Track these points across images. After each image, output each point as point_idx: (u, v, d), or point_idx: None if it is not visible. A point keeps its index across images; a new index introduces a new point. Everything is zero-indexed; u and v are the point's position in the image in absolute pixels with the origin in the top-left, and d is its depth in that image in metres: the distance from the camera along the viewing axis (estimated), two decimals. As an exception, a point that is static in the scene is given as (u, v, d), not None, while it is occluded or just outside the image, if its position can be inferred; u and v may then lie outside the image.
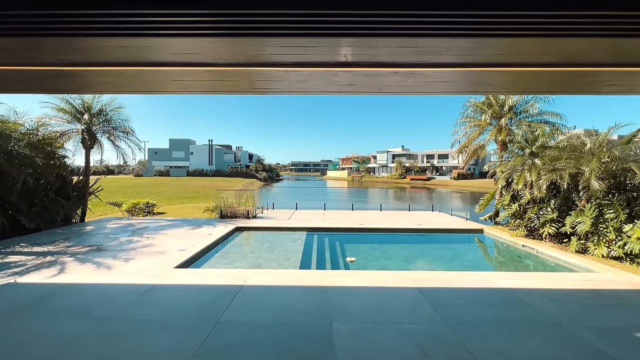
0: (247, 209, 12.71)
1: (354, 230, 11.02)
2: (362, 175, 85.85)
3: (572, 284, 5.70)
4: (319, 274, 6.09)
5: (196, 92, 5.60)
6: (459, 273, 6.29)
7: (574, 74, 4.42)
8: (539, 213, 9.52)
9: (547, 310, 4.59)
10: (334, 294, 5.11)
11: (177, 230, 10.16)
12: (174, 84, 5.07)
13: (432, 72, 4.40)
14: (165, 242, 8.54)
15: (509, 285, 5.58)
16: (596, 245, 7.77)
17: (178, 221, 12.08)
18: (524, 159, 9.83)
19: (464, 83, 4.95)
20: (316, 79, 4.79)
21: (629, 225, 7.29)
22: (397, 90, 5.32)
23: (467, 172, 67.55)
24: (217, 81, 4.86)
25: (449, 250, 9.99)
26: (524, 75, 4.50)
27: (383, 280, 5.75)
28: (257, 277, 5.80)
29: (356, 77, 4.66)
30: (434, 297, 4.95)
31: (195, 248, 7.87)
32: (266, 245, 9.08)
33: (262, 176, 73.09)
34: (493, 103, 11.75)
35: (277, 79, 4.71)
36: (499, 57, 3.82)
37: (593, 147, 7.92)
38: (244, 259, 7.64)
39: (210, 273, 6.08)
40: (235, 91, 5.44)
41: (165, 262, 6.73)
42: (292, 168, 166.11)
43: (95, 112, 12.14)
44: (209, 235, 9.32)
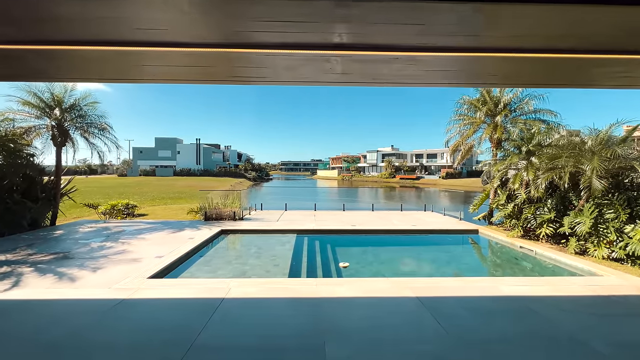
0: (233, 211, 12.03)
1: (345, 232, 10.53)
2: (352, 175, 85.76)
3: (579, 289, 5.35)
4: (310, 283, 5.55)
5: (171, 81, 4.96)
6: (460, 279, 5.87)
7: (588, 63, 4.03)
8: (535, 213, 9.25)
9: (559, 321, 4.19)
10: (327, 308, 4.58)
11: (156, 235, 9.42)
12: (146, 70, 4.43)
13: (434, 59, 3.92)
14: (141, 248, 7.81)
15: (514, 292, 5.18)
16: (596, 247, 7.52)
17: (159, 224, 11.30)
18: (521, 157, 9.54)
19: (467, 73, 4.50)
20: (307, 66, 4.24)
21: (631, 225, 7.05)
22: (395, 80, 4.83)
23: (455, 172, 68.38)
24: (193, 67, 4.25)
25: (445, 252, 9.62)
26: (534, 63, 4.06)
27: (380, 289, 5.26)
28: (241, 288, 5.20)
29: (352, 64, 4.13)
30: (436, 309, 4.48)
31: (174, 254, 7.19)
32: (253, 249, 8.47)
33: (251, 176, 71.91)
34: (487, 100, 11.47)
35: (262, 64, 4.14)
36: (509, 40, 3.36)
37: (593, 145, 7.66)
38: (228, 266, 7.01)
39: (189, 284, 5.45)
40: (214, 79, 4.83)
41: (139, 271, 6.04)
42: (282, 167, 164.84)
43: (67, 106, 11.20)
44: (190, 240, 8.63)
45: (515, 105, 11.50)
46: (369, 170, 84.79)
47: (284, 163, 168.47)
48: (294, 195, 23.86)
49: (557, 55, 3.63)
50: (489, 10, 2.82)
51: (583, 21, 2.99)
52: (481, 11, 2.83)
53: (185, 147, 73.39)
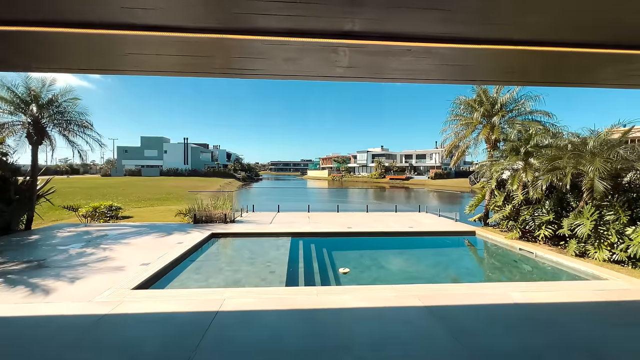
0: (224, 213, 11.52)
1: (342, 234, 10.20)
2: (342, 175, 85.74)
3: (589, 295, 5.18)
4: (310, 292, 5.18)
5: (159, 73, 4.49)
6: (466, 285, 5.62)
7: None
8: (533, 214, 9.17)
9: (578, 332, 3.97)
10: (331, 320, 4.23)
11: (142, 239, 8.84)
12: (130, 59, 3.96)
13: (451, 51, 3.62)
14: (125, 254, 7.26)
15: (526, 299, 4.96)
16: (596, 249, 7.44)
17: (145, 227, 10.69)
18: (519, 158, 9.44)
19: (483, 68, 4.23)
20: (310, 58, 3.87)
21: (632, 227, 7.00)
22: (404, 76, 4.52)
23: (444, 172, 69.33)
24: (185, 56, 3.81)
25: (445, 255, 9.43)
26: (563, 59, 3.75)
27: (385, 298, 4.94)
28: (236, 300, 4.78)
29: (360, 56, 3.79)
30: (448, 320, 4.19)
31: (162, 261, 6.68)
32: (246, 254, 8.02)
33: (240, 176, 70.85)
34: (484, 101, 11.38)
35: (262, 54, 3.74)
36: (540, 30, 3.09)
37: (594, 146, 7.58)
38: (221, 274, 6.56)
39: (178, 295, 4.99)
40: (208, 72, 4.40)
41: (122, 281, 5.53)
42: (272, 168, 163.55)
43: (45, 102, 10.45)
44: (179, 245, 8.11)
45: (511, 106, 11.45)
46: (359, 170, 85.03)
47: (273, 163, 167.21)
48: (286, 196, 23.41)
49: (597, 50, 3.37)
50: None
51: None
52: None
53: (172, 147, 71.66)
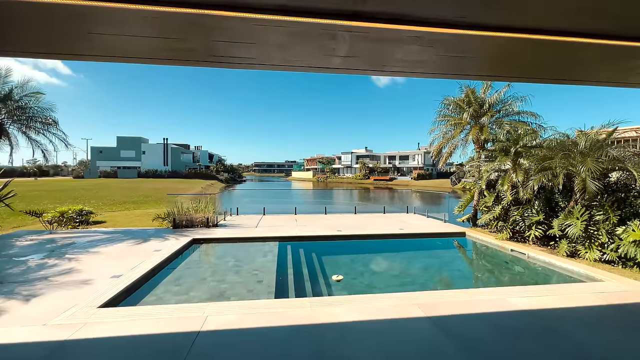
0: (206, 216, 10.83)
1: (332, 237, 9.79)
2: (327, 176, 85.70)
3: (590, 299, 5.04)
4: (303, 304, 4.72)
5: (128, 59, 3.89)
6: (466, 292, 5.35)
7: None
8: (523, 215, 9.15)
9: (586, 342, 3.75)
10: (330, 337, 3.79)
11: (114, 247, 8.05)
12: (95, 41, 3.36)
13: (460, 40, 3.29)
14: (94, 265, 6.51)
15: (527, 305, 4.74)
16: (587, 249, 7.43)
17: (119, 233, 9.83)
18: (509, 158, 9.41)
19: (490, 61, 3.94)
20: (305, 45, 3.44)
21: (622, 227, 7.02)
22: (404, 68, 4.18)
23: (426, 173, 70.80)
24: (158, 38, 3.27)
25: (437, 258, 9.24)
26: (584, 51, 3.48)
27: (386, 308, 4.57)
28: (220, 317, 4.26)
29: (362, 44, 3.40)
30: (454, 333, 3.87)
31: (136, 273, 6.01)
32: (231, 262, 7.44)
33: (223, 177, 69.17)
34: (472, 101, 11.35)
35: (248, 38, 3.27)
36: (566, 18, 2.81)
37: (585, 147, 7.59)
38: (203, 285, 5.97)
39: (153, 313, 4.39)
40: (186, 59, 3.86)
41: (88, 297, 4.86)
42: (256, 169, 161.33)
43: (1, 96, 9.40)
44: (156, 253, 7.42)
45: (498, 106, 11.49)
46: (344, 171, 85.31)
47: (257, 164, 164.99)
48: (271, 198, 22.76)
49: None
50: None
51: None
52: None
53: (151, 147, 68.92)
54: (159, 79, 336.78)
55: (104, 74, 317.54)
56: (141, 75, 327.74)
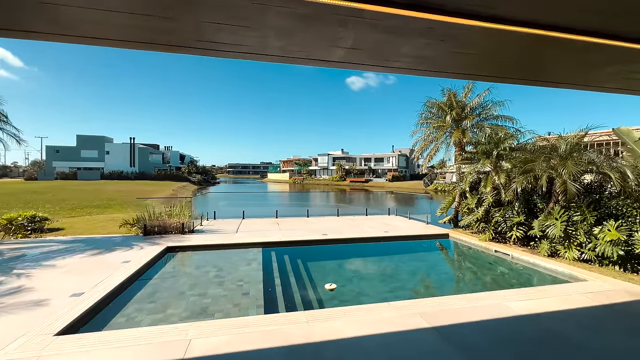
0: (182, 221, 10.02)
1: (318, 242, 9.43)
2: (304, 178, 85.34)
3: (581, 300, 5.10)
4: (299, 319, 4.31)
5: (95, 41, 3.27)
6: (465, 297, 5.22)
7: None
8: (505, 216, 9.36)
9: (586, 345, 3.71)
10: (334, 357, 3.42)
11: (74, 259, 7.10)
12: (63, 15, 2.75)
13: (473, 34, 3.08)
14: (50, 282, 5.63)
15: (525, 310, 4.68)
16: (566, 249, 7.69)
17: (79, 242, 8.77)
18: (491, 161, 9.61)
19: (502, 61, 3.78)
20: (308, 31, 3.06)
21: (598, 227, 7.32)
22: (409, 65, 3.92)
23: (400, 175, 72.81)
24: (137, 15, 2.74)
25: (425, 261, 9.19)
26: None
27: (387, 320, 4.28)
28: (206, 339, 3.73)
29: (369, 33, 3.08)
30: (461, 343, 3.68)
31: (101, 290, 5.25)
32: (212, 272, 6.81)
33: (196, 179, 66.33)
34: (454, 105, 11.55)
35: (244, 21, 2.83)
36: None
37: (564, 150, 7.87)
38: (181, 301, 5.34)
39: (124, 339, 3.75)
40: (170, 44, 3.33)
41: (43, 323, 4.10)
42: (230, 170, 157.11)
43: None
44: (125, 265, 6.63)
45: (478, 110, 11.79)
46: (320, 173, 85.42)
47: (231, 165, 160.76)
48: (248, 201, 21.96)
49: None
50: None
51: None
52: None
53: (116, 147, 64.51)
54: (125, 74, 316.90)
55: (62, 68, 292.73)
56: (105, 71, 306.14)
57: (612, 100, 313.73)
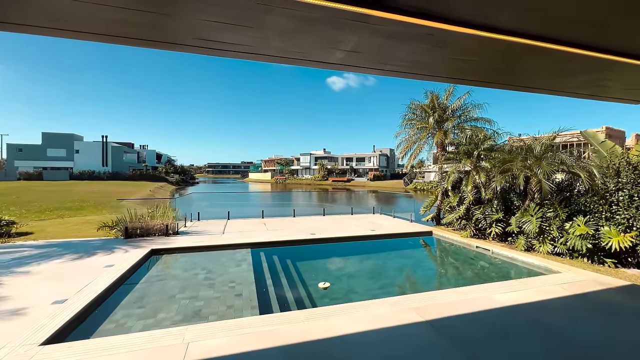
0: (165, 223, 9.70)
1: (307, 242, 9.46)
2: (286, 178, 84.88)
3: (557, 290, 5.49)
4: (295, 318, 4.33)
5: (89, 36, 3.13)
6: (454, 291, 5.47)
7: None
8: (485, 213, 9.84)
9: (567, 332, 4.02)
10: (335, 353, 3.48)
11: (51, 265, 6.71)
12: (39, 5, 2.60)
13: (470, 42, 3.25)
14: (26, 289, 5.30)
15: (510, 301, 4.98)
16: (541, 243, 8.21)
17: (55, 247, 8.27)
18: (472, 161, 10.05)
19: (491, 68, 4.00)
20: (311, 33, 3.09)
21: (569, 223, 7.88)
22: (404, 69, 4.05)
23: (381, 174, 74.18)
24: (130, 10, 2.65)
25: (411, 257, 9.48)
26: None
27: (382, 316, 4.41)
28: (204, 342, 3.68)
29: (371, 37, 3.15)
30: (453, 336, 3.87)
31: (85, 297, 5.01)
32: (201, 274, 6.67)
33: (174, 179, 64.16)
34: (436, 107, 11.98)
35: (247, 21, 2.83)
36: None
37: (540, 152, 8.40)
38: (172, 305, 5.19)
39: (117, 346, 3.62)
40: (167, 41, 3.25)
41: (24, 332, 3.86)
42: (209, 170, 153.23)
43: None
44: (108, 269, 6.35)
45: (459, 112, 12.30)
46: (303, 172, 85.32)
47: (211, 165, 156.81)
48: (231, 201, 21.57)
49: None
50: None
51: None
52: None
53: (86, 146, 61.12)
54: (97, 68, 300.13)
55: (26, 61, 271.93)
56: (72, 65, 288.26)
57: (580, 105, 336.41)
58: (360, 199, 35.27)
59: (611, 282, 5.94)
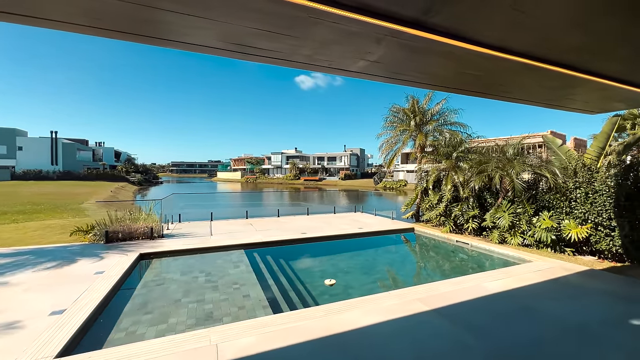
0: (150, 226, 9.25)
1: (300, 241, 9.60)
2: (256, 177, 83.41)
3: (534, 277, 6.24)
4: (313, 314, 4.51)
5: (43, 22, 2.85)
6: (450, 282, 5.99)
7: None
8: (462, 210, 10.70)
9: (557, 312, 4.66)
10: (358, 345, 3.74)
11: (30, 274, 6.15)
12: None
13: (480, 57, 3.66)
14: (12, 301, 4.86)
15: (499, 288, 5.60)
16: (512, 236, 9.17)
17: (26, 255, 7.54)
18: (451, 162, 10.86)
19: (485, 80, 4.48)
20: (346, 44, 3.28)
21: (536, 217, 8.89)
22: (413, 79, 4.42)
23: (351, 173, 75.83)
24: (134, 4, 2.62)
25: (398, 252, 10.07)
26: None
27: (393, 307, 4.75)
28: (233, 342, 3.73)
29: (396, 51, 3.43)
30: (460, 322, 4.33)
31: (86, 305, 4.73)
32: (200, 277, 6.54)
33: (135, 179, 60.06)
34: (417, 111, 12.72)
35: (290, 31, 2.96)
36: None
37: (512, 154, 9.34)
38: (180, 309, 5.08)
39: (143, 353, 3.53)
40: (193, 42, 3.24)
41: (31, 346, 3.60)
42: (173, 169, 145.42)
43: None
44: (100, 275, 5.99)
45: (437, 116, 13.16)
46: (274, 172, 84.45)
47: (175, 164, 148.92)
48: (207, 202, 20.88)
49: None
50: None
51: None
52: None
53: (32, 142, 55.04)
54: (47, 57, 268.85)
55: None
56: (28, 49, 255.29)
57: (538, 112, 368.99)
58: (336, 197, 35.90)
59: (574, 267, 6.87)
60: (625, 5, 2.58)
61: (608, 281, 6.04)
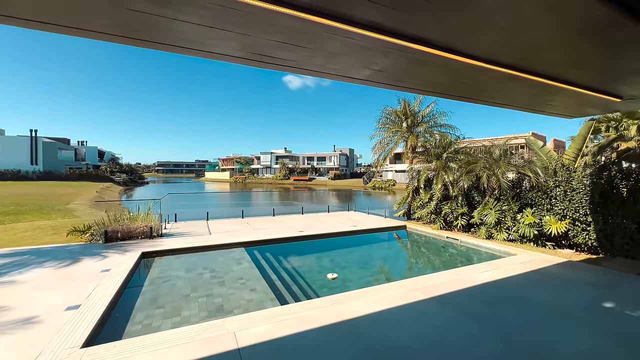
0: (149, 225, 9.33)
1: (298, 239, 9.89)
2: (245, 177, 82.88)
3: (519, 268, 6.78)
4: (321, 304, 4.83)
5: (81, 32, 3.09)
6: (443, 273, 6.43)
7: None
8: (452, 208, 11.26)
9: (544, 299, 5.16)
10: (367, 330, 4.09)
11: (35, 272, 6.20)
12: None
13: (466, 68, 4.08)
14: (24, 299, 4.95)
15: (488, 278, 6.08)
16: (498, 232, 9.77)
17: (25, 255, 7.52)
18: (441, 162, 11.40)
19: (471, 87, 4.92)
20: (354, 55, 3.64)
21: (520, 214, 9.52)
22: (412, 85, 4.80)
23: (341, 173, 76.43)
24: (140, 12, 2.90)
25: (391, 249, 10.49)
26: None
27: (395, 296, 5.14)
28: (250, 330, 4.01)
29: (400, 61, 3.81)
30: (459, 309, 4.74)
31: (100, 300, 4.89)
32: (206, 274, 6.73)
33: (120, 179, 58.62)
34: (408, 113, 13.23)
35: (308, 44, 3.28)
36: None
37: (498, 155, 9.94)
38: (191, 303, 5.28)
39: (165, 341, 3.76)
40: (216, 52, 3.51)
41: (54, 338, 3.77)
42: (159, 169, 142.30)
43: None
44: (107, 273, 6.11)
45: (427, 118, 13.72)
46: (263, 172, 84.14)
47: (161, 164, 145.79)
48: (200, 201, 20.86)
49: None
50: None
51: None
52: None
53: (9, 141, 52.93)
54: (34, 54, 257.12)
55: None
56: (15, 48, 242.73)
57: (521, 115, 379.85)
58: (326, 197, 36.30)
59: (554, 259, 7.47)
60: (597, 27, 3.02)
61: (585, 271, 6.63)
